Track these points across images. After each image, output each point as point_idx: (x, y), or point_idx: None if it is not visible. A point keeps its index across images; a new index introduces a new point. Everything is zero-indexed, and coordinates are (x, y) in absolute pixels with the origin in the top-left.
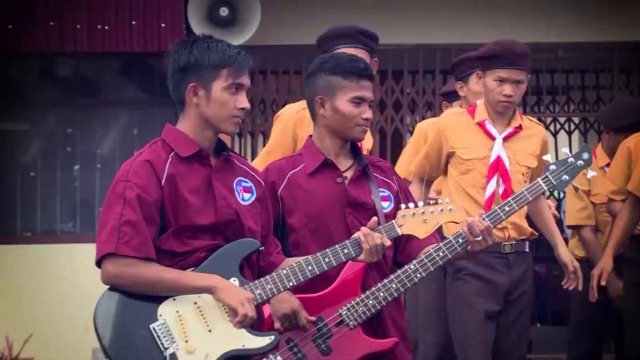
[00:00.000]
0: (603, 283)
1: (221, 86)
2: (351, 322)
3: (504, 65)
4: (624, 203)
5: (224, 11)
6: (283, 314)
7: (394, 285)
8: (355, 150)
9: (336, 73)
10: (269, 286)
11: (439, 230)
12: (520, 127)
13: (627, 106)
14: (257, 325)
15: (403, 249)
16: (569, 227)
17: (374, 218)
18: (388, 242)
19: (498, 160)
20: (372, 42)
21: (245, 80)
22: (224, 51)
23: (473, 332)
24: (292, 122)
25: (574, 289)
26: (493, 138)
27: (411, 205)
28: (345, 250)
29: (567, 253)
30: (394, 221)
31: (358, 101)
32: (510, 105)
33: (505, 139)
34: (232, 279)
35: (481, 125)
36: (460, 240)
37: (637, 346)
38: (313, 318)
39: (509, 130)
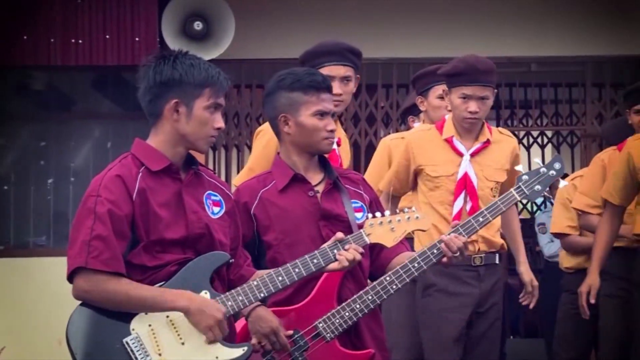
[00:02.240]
0: (592, 301)
1: (203, 105)
2: (328, 335)
3: (467, 82)
4: (602, 215)
5: (197, 25)
6: (262, 334)
7: (369, 297)
8: (324, 164)
9: (296, 89)
10: (240, 298)
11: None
12: (488, 142)
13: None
14: (229, 337)
15: (375, 259)
16: (554, 234)
17: (339, 233)
18: (360, 250)
19: (465, 177)
20: (358, 59)
21: (223, 100)
22: (207, 70)
23: (440, 350)
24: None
25: (557, 302)
26: (461, 154)
27: (378, 214)
28: (315, 261)
29: (528, 272)
30: (362, 230)
31: (321, 114)
32: (476, 121)
33: (473, 155)
34: (203, 292)
35: (449, 141)
36: (435, 252)
37: (609, 356)
38: (290, 332)
39: (477, 145)
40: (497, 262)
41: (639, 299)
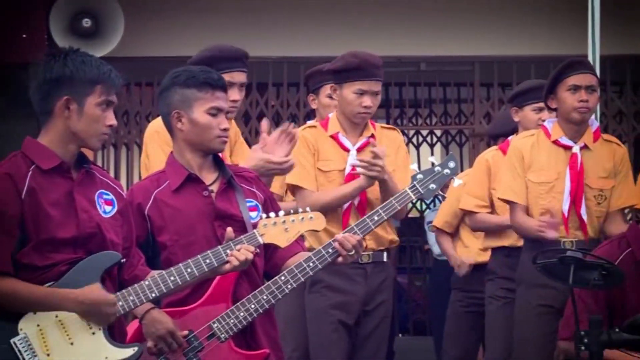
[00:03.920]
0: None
1: (95, 102)
2: (222, 335)
3: (363, 77)
4: (513, 219)
5: (86, 22)
6: (158, 336)
7: (264, 297)
8: (218, 163)
9: (190, 85)
10: (131, 297)
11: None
12: (373, 137)
13: (506, 115)
14: (119, 337)
15: (269, 258)
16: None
17: (229, 229)
18: (252, 249)
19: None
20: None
21: (115, 98)
22: (99, 67)
23: (328, 345)
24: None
25: (446, 300)
26: (347, 150)
27: (272, 214)
28: (207, 260)
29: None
30: (255, 230)
31: (215, 112)
32: (368, 116)
33: (359, 150)
34: None
35: (335, 137)
36: (331, 251)
37: (495, 357)
38: (185, 332)
39: (363, 140)
40: (384, 260)
41: (519, 295)
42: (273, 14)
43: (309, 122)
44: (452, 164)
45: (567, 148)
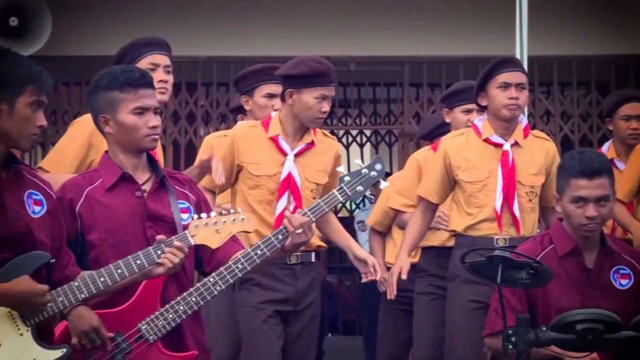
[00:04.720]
0: (404, 277)
1: (25, 102)
2: (151, 337)
3: (325, 83)
4: (416, 209)
5: (13, 21)
6: (82, 331)
7: (193, 299)
8: (152, 163)
9: (113, 88)
10: (60, 299)
11: None
12: (312, 143)
13: (430, 116)
14: (47, 339)
15: (211, 259)
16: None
17: (160, 236)
18: (186, 250)
19: (289, 177)
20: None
21: (45, 98)
22: (30, 67)
23: (260, 334)
24: (90, 127)
25: (376, 300)
26: (285, 154)
27: (203, 215)
28: (138, 262)
29: (361, 250)
30: (186, 232)
31: (140, 111)
32: (323, 120)
33: (297, 155)
34: None
35: (274, 140)
36: (259, 252)
37: (422, 353)
38: (111, 334)
39: (302, 146)
40: (313, 260)
41: (452, 291)
42: (202, 14)
43: (249, 122)
44: (378, 166)
45: (498, 146)
